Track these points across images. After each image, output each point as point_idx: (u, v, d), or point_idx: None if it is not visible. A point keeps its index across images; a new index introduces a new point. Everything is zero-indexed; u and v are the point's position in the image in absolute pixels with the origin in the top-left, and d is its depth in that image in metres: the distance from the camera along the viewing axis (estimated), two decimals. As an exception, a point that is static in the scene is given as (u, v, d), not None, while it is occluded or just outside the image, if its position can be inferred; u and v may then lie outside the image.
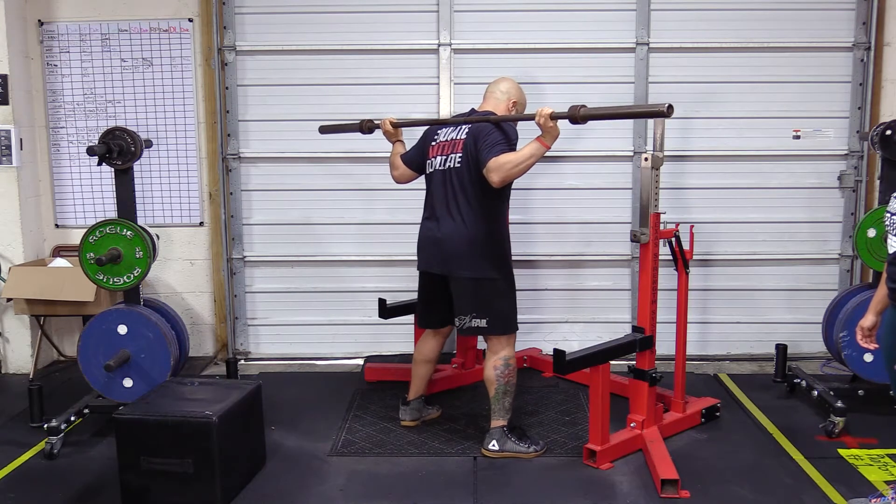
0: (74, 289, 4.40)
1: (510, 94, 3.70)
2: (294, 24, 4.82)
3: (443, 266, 3.59)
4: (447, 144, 3.62)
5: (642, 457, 3.52)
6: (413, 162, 3.81)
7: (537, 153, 3.34)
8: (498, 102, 3.68)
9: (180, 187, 4.94)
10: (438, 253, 3.58)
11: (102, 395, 3.86)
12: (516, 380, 3.62)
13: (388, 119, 3.92)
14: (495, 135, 3.44)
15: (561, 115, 3.29)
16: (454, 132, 3.63)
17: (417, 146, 3.81)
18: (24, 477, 3.44)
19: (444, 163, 3.60)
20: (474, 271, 3.50)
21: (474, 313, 3.55)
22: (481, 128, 3.50)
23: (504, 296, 3.56)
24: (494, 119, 3.52)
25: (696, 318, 4.88)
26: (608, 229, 4.90)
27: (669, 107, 2.97)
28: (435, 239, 3.60)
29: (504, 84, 3.73)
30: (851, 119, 4.80)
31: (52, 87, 4.87)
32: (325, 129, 4.35)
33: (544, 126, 3.32)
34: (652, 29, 4.74)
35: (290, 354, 5.07)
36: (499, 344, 3.58)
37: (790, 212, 4.88)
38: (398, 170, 3.86)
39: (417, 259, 3.75)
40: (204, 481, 3.07)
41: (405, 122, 4.00)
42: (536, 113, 3.32)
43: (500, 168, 3.34)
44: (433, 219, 3.63)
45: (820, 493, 3.21)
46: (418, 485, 3.31)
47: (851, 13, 4.72)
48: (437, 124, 3.81)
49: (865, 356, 3.88)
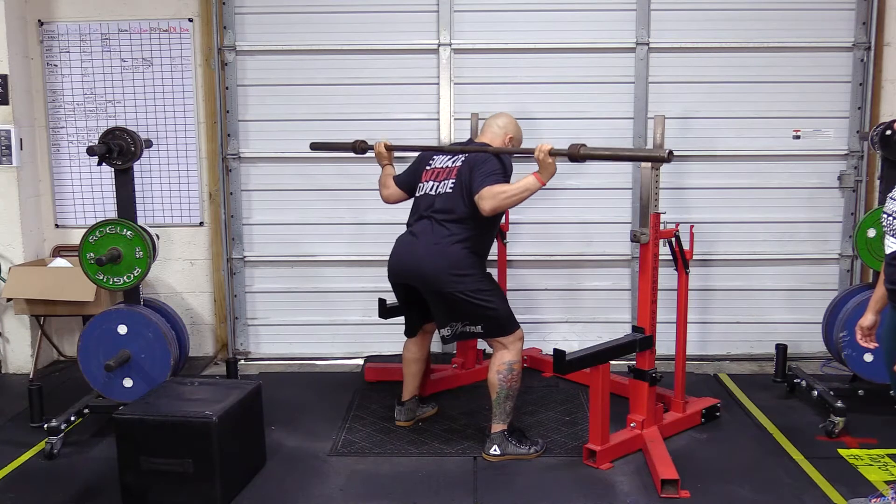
0: (74, 289, 4.39)
1: (507, 129, 3.77)
2: (294, 24, 4.82)
3: (422, 283, 3.56)
4: (441, 171, 3.68)
5: (642, 457, 3.52)
6: (405, 183, 3.87)
7: (532, 188, 3.39)
8: (495, 136, 3.75)
9: (180, 187, 4.94)
10: (416, 267, 3.55)
11: (102, 395, 3.86)
12: (520, 384, 3.61)
13: (383, 142, 3.97)
14: (492, 164, 3.50)
15: (560, 151, 3.34)
16: (450, 160, 3.69)
17: (411, 169, 3.87)
18: (24, 477, 3.44)
19: (434, 188, 3.65)
20: (456, 286, 3.47)
21: (466, 321, 3.55)
22: (479, 157, 3.56)
23: (491, 298, 3.53)
24: (492, 150, 3.58)
25: (696, 318, 4.88)
26: (608, 229, 4.90)
27: (670, 153, 3.12)
28: (412, 253, 3.58)
29: (502, 119, 3.81)
30: (851, 119, 4.80)
31: (52, 87, 4.87)
32: (317, 146, 4.37)
33: (542, 162, 3.37)
34: (652, 29, 4.74)
35: (290, 354, 5.07)
36: (502, 346, 3.57)
37: (790, 212, 4.88)
38: (388, 189, 3.92)
39: (389, 271, 3.72)
40: (204, 481, 3.07)
41: (400, 147, 4.04)
42: (536, 148, 3.37)
43: (495, 197, 3.39)
44: (413, 235, 3.64)
45: (820, 493, 3.21)
46: (418, 485, 3.31)
47: (851, 13, 4.72)
48: (433, 151, 3.87)
49: (865, 356, 3.88)
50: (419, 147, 4.05)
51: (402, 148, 4.05)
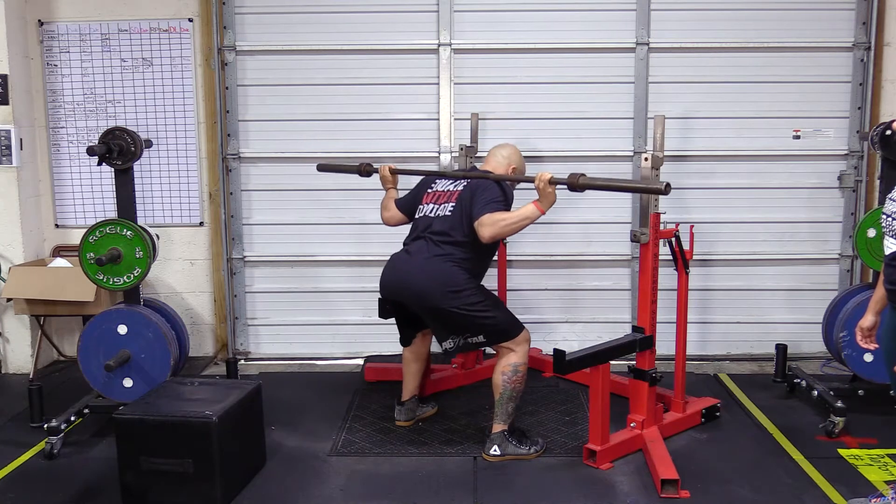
0: (74, 289, 4.39)
1: (511, 159, 3.83)
2: (294, 24, 4.82)
3: (416, 300, 3.57)
4: (442, 194, 3.71)
5: (642, 457, 3.52)
6: (405, 207, 3.91)
7: (531, 216, 3.42)
8: (498, 165, 3.81)
9: (180, 187, 4.94)
10: (409, 284, 3.56)
11: (102, 395, 3.86)
12: (524, 386, 3.61)
13: (388, 165, 4.03)
14: (494, 192, 3.55)
15: (560, 180, 3.38)
16: (451, 184, 3.74)
17: (412, 192, 3.91)
18: (24, 477, 3.44)
19: (434, 210, 3.68)
20: (450, 303, 3.47)
21: (467, 333, 3.56)
22: (481, 183, 3.60)
23: (487, 308, 3.53)
24: (494, 177, 3.62)
25: (696, 318, 4.88)
26: (608, 229, 4.90)
27: (667, 185, 3.20)
28: (405, 271, 3.59)
29: (507, 149, 3.87)
30: (851, 119, 4.80)
31: (52, 87, 4.87)
32: (324, 167, 4.41)
33: (542, 191, 3.39)
34: (652, 29, 4.74)
35: (290, 354, 5.07)
36: (507, 349, 3.58)
37: (790, 212, 4.88)
38: (389, 212, 3.97)
39: (381, 287, 3.72)
40: (204, 481, 3.07)
41: (405, 171, 4.08)
42: (536, 176, 3.39)
43: (494, 224, 3.42)
44: (408, 253, 3.65)
45: (820, 492, 3.21)
46: (418, 485, 3.32)
47: (851, 13, 4.72)
48: (436, 176, 3.92)
49: (865, 356, 3.88)
50: (423, 171, 4.10)
51: (407, 172, 4.10)
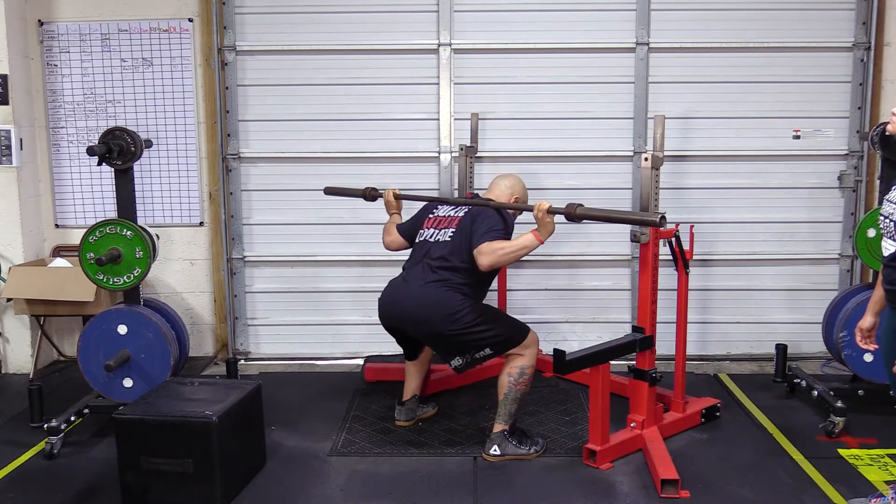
0: (74, 289, 4.39)
1: (514, 189, 3.87)
2: (294, 24, 4.82)
3: (415, 326, 3.58)
4: (443, 220, 3.73)
5: (642, 457, 3.52)
6: (407, 232, 3.92)
7: (530, 246, 3.44)
8: (501, 194, 3.85)
9: (180, 187, 4.94)
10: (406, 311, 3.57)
11: (102, 395, 3.86)
12: (528, 389, 3.61)
13: (392, 190, 4.05)
14: (494, 220, 3.56)
15: (558, 210, 3.40)
16: (453, 210, 3.76)
17: (414, 218, 3.93)
18: (24, 477, 3.44)
19: (433, 235, 3.69)
20: (450, 327, 3.47)
21: (472, 350, 3.55)
22: (482, 211, 3.62)
23: (487, 324, 3.52)
24: (494, 205, 3.65)
25: (696, 318, 4.88)
26: (608, 229, 4.89)
27: (662, 217, 3.24)
28: (402, 299, 3.59)
29: (510, 179, 3.91)
30: (851, 119, 4.80)
31: (52, 87, 4.87)
32: (331, 190, 4.41)
33: (541, 220, 3.41)
34: (652, 29, 4.74)
35: (290, 354, 5.07)
36: (517, 353, 3.59)
37: (790, 212, 4.88)
38: (391, 236, 3.99)
39: (380, 315, 3.71)
40: (204, 481, 3.07)
41: (408, 196, 4.10)
42: (535, 206, 3.41)
43: (493, 252, 3.43)
44: (405, 280, 3.65)
45: (820, 492, 3.21)
46: (418, 485, 3.32)
47: (851, 13, 4.72)
48: (438, 202, 3.93)
49: (865, 356, 3.87)
50: (426, 197, 4.11)
51: (410, 197, 4.11)
